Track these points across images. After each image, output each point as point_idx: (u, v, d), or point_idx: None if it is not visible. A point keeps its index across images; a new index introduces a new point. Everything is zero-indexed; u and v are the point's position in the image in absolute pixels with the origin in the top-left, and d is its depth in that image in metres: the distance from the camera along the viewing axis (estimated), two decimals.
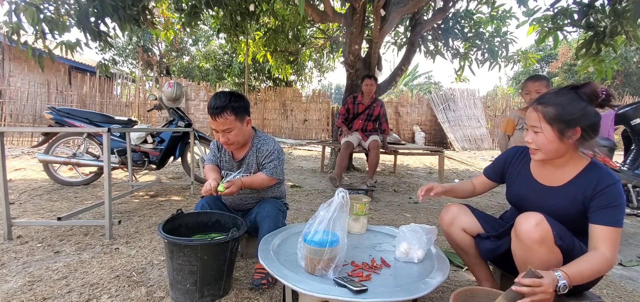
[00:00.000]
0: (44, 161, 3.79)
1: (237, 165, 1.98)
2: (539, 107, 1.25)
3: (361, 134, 4.46)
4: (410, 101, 12.94)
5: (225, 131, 1.80)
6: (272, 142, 1.96)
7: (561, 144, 1.24)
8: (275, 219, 1.80)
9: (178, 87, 3.99)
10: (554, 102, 1.22)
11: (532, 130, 1.28)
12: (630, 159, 2.88)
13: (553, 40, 3.78)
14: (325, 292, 1.13)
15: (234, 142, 1.85)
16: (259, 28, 7.05)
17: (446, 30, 6.10)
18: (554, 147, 1.25)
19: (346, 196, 1.32)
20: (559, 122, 1.21)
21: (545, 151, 1.27)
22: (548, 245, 1.18)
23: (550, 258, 1.19)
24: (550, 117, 1.22)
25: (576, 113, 1.20)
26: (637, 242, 2.75)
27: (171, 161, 4.29)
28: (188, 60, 18.02)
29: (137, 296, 1.63)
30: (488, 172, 1.59)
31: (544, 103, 1.24)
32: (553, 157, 1.29)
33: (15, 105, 9.07)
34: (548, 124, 1.22)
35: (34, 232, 2.44)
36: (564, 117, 1.20)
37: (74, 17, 3.57)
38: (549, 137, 1.23)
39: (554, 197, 1.33)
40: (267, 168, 1.89)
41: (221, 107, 1.76)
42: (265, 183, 1.90)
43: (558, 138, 1.22)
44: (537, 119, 1.25)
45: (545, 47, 17.73)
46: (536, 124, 1.25)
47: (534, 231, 1.18)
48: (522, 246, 1.22)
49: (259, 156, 1.92)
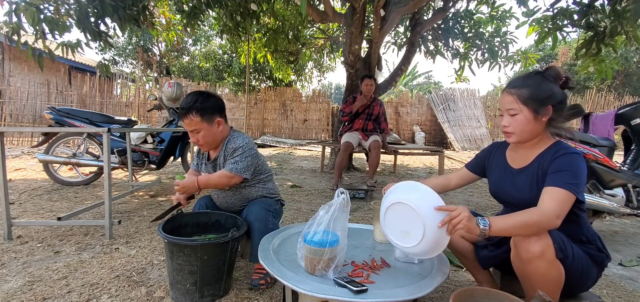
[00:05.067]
0: (44, 161, 3.79)
1: (211, 166, 1.94)
2: (512, 90, 1.30)
3: (361, 134, 4.45)
4: (410, 101, 12.93)
5: (193, 132, 1.80)
6: (240, 139, 1.85)
7: (536, 124, 1.28)
8: (264, 221, 1.76)
9: (178, 87, 3.99)
10: (526, 84, 1.28)
11: (507, 114, 1.32)
12: (630, 159, 2.88)
13: (552, 40, 3.78)
14: (325, 292, 1.13)
15: (203, 143, 1.84)
16: (259, 28, 7.05)
17: (446, 30, 6.09)
18: (530, 128, 1.29)
19: (346, 196, 1.32)
20: (533, 101, 1.26)
21: (520, 132, 1.31)
22: (548, 258, 1.16)
23: (549, 272, 1.17)
24: (525, 98, 1.27)
25: (547, 92, 1.26)
26: (637, 242, 2.75)
27: (171, 161, 4.30)
28: (188, 60, 18.02)
29: (137, 296, 1.62)
30: (471, 166, 1.61)
31: (517, 86, 1.30)
32: (528, 138, 1.33)
33: (15, 105, 9.07)
34: (524, 104, 1.27)
35: (34, 232, 2.44)
36: (537, 96, 1.26)
37: (74, 17, 3.57)
38: (526, 117, 1.28)
39: (520, 178, 1.36)
40: (227, 164, 1.81)
41: (186, 108, 1.75)
42: (224, 180, 1.79)
43: (534, 117, 1.27)
44: (513, 101, 1.29)
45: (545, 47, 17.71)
46: (513, 106, 1.29)
47: (534, 245, 1.16)
48: (521, 258, 1.20)
49: (226, 154, 1.86)
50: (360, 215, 3.17)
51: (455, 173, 1.64)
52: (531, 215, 1.15)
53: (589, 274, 1.27)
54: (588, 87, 14.51)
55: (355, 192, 3.75)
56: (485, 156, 1.56)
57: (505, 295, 1.16)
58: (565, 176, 1.20)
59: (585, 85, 15.78)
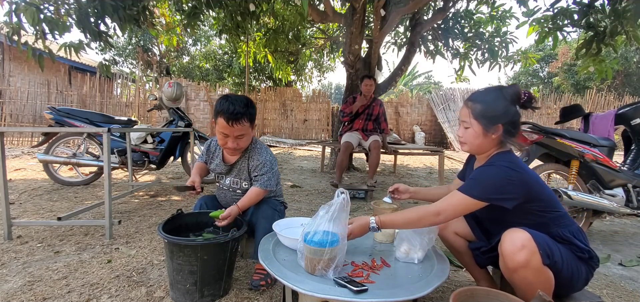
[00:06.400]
0: (44, 161, 3.79)
1: (227, 168, 1.95)
2: (469, 103, 1.36)
3: (361, 134, 4.45)
4: (410, 101, 12.93)
5: (237, 137, 1.78)
6: (264, 152, 1.91)
7: (485, 139, 1.33)
8: (271, 220, 1.77)
9: (178, 87, 3.99)
10: (481, 100, 1.33)
11: (462, 126, 1.39)
12: (630, 159, 2.88)
13: (552, 40, 3.79)
14: (325, 292, 1.13)
15: (241, 147, 1.84)
16: (260, 28, 7.05)
17: (446, 30, 6.09)
18: (478, 142, 1.35)
19: (346, 196, 1.32)
20: (483, 118, 1.31)
21: (470, 145, 1.38)
22: (534, 267, 1.16)
23: (537, 279, 1.17)
24: (477, 113, 1.32)
25: (499, 111, 1.30)
26: (637, 242, 2.75)
27: (171, 161, 4.30)
28: (188, 61, 18.02)
29: (137, 296, 1.62)
30: (460, 175, 1.65)
31: (473, 100, 1.35)
32: (478, 151, 1.40)
33: (15, 105, 9.07)
34: (475, 119, 1.33)
35: (34, 232, 2.44)
36: (487, 113, 1.31)
37: (74, 17, 3.57)
38: (476, 131, 1.34)
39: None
40: (260, 181, 1.85)
41: (241, 113, 1.73)
42: (260, 196, 1.86)
43: (483, 133, 1.32)
44: (467, 115, 1.35)
45: (545, 47, 17.73)
46: (466, 119, 1.36)
47: (519, 254, 1.16)
48: (507, 268, 1.20)
49: (251, 165, 1.89)
50: (360, 215, 3.16)
51: (453, 183, 1.68)
52: (413, 213, 1.28)
53: (579, 272, 1.25)
54: (588, 87, 14.51)
55: (355, 192, 3.75)
56: (465, 165, 1.62)
57: (505, 295, 1.15)
58: (469, 182, 1.28)
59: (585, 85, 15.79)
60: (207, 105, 11.76)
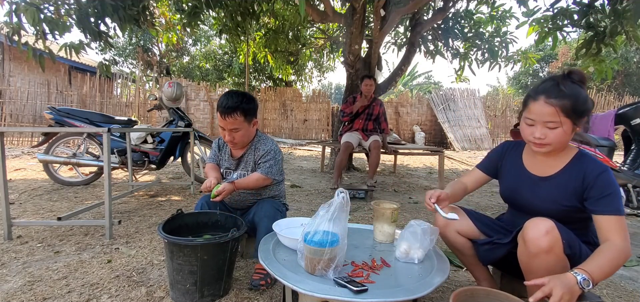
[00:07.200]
0: (44, 161, 3.79)
1: (235, 163, 2.01)
2: (553, 101, 1.19)
3: (361, 134, 4.46)
4: (410, 101, 12.93)
5: (232, 130, 1.83)
6: (269, 142, 1.98)
7: (571, 135, 1.22)
8: (273, 219, 1.78)
9: (178, 87, 3.99)
10: (568, 95, 1.19)
11: (544, 126, 1.22)
12: (630, 159, 2.88)
13: (552, 40, 3.79)
14: (325, 292, 1.13)
15: (238, 141, 1.89)
16: (259, 28, 7.05)
17: (446, 30, 6.09)
18: (566, 139, 1.23)
19: (346, 196, 1.32)
20: (575, 113, 1.19)
21: (556, 145, 1.23)
22: (556, 254, 1.16)
23: (556, 267, 1.17)
24: (568, 110, 1.18)
25: (587, 103, 1.20)
26: (637, 242, 2.75)
27: (171, 161, 4.30)
28: (188, 60, 18.02)
29: (137, 296, 1.62)
30: (483, 166, 1.55)
31: (558, 97, 1.19)
32: (560, 149, 1.27)
33: (15, 105, 9.08)
34: (566, 117, 1.19)
35: (34, 232, 2.44)
36: (578, 108, 1.18)
37: (74, 17, 3.57)
38: (567, 130, 1.20)
39: (545, 187, 1.33)
40: (262, 167, 1.90)
41: (232, 107, 1.79)
42: (260, 183, 1.90)
43: (572, 130, 1.21)
44: (555, 113, 1.19)
45: (545, 47, 17.72)
46: (553, 119, 1.19)
47: (543, 239, 1.15)
48: (529, 252, 1.19)
49: (256, 155, 1.95)
50: (360, 215, 3.17)
51: (467, 175, 1.59)
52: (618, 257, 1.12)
53: None
54: (588, 87, 14.49)
55: (355, 192, 3.75)
56: (498, 157, 1.51)
57: (505, 295, 1.15)
58: (613, 200, 1.17)
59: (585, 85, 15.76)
60: (207, 105, 11.76)
